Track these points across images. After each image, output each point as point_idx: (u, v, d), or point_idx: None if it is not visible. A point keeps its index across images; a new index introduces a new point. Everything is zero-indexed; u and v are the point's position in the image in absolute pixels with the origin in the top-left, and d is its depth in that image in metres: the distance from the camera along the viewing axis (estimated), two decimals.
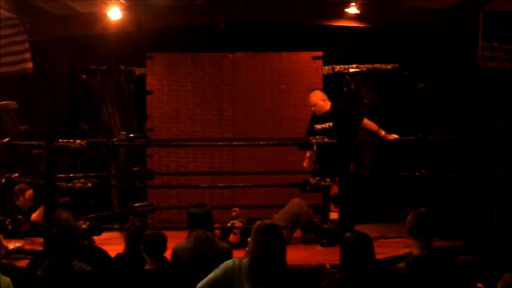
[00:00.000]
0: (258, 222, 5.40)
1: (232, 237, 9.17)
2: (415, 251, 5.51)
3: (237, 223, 9.60)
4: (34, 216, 9.72)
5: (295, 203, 9.92)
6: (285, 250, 5.30)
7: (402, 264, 5.44)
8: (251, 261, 5.23)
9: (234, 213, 9.99)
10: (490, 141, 10.57)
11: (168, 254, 6.37)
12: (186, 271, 6.24)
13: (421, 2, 11.07)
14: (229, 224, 9.50)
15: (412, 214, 5.62)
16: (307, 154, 9.86)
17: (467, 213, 9.29)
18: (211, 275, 5.34)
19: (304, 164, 9.89)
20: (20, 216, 9.60)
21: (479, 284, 6.29)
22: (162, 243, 6.16)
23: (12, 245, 8.72)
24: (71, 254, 6.03)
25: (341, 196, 8.82)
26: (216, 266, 5.38)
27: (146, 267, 6.10)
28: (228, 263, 5.35)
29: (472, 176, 10.01)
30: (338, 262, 5.54)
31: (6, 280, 6.88)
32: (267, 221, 5.46)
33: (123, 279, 6.19)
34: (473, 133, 10.70)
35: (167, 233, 6.41)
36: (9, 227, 9.47)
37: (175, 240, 6.61)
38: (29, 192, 10.03)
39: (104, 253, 6.77)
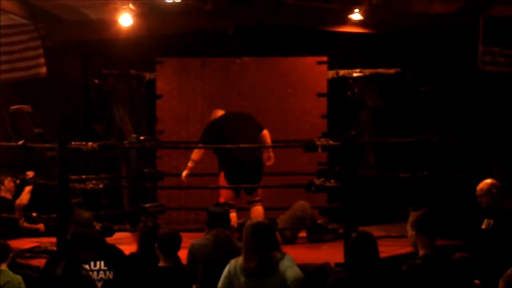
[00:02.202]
0: (247, 222, 5.72)
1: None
2: (422, 250, 5.55)
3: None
4: (18, 201, 9.85)
5: (299, 206, 10.08)
6: (273, 245, 5.51)
7: (412, 263, 5.49)
8: (243, 257, 5.50)
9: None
10: (491, 142, 10.70)
11: (181, 253, 6.42)
12: (203, 268, 6.37)
13: (424, 8, 11.15)
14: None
15: (422, 213, 5.64)
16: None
17: (465, 212, 9.38)
18: (219, 284, 5.58)
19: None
20: (34, 214, 9.80)
21: (475, 281, 6.33)
22: (177, 242, 6.23)
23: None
24: (84, 257, 6.13)
25: (345, 198, 9.02)
26: None
27: (160, 264, 6.16)
28: (227, 267, 5.59)
29: (472, 176, 10.12)
30: (343, 261, 5.64)
31: (18, 278, 7.04)
32: (255, 220, 5.81)
33: (137, 276, 6.26)
34: (475, 134, 10.84)
35: None
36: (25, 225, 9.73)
37: (185, 240, 6.62)
38: (8, 180, 10.07)
39: (118, 251, 6.82)
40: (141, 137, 10.48)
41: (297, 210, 10.03)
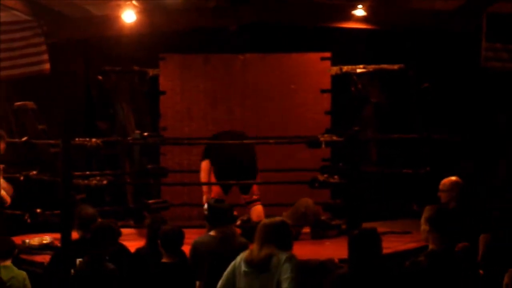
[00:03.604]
0: (265, 218, 5.93)
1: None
2: (433, 245, 5.54)
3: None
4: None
5: (303, 202, 10.10)
6: (281, 243, 5.61)
7: (421, 258, 5.48)
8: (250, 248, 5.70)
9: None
10: (492, 140, 10.71)
11: (184, 249, 6.47)
12: (209, 265, 6.36)
13: (427, 4, 11.14)
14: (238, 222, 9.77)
15: (438, 209, 5.65)
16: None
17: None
18: (224, 274, 5.71)
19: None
20: (38, 210, 9.81)
21: (480, 271, 6.43)
22: (180, 238, 6.28)
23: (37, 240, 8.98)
24: (106, 252, 6.27)
25: (349, 194, 9.06)
26: None
27: (163, 260, 6.21)
28: (234, 260, 5.72)
29: (474, 174, 10.14)
30: (346, 257, 5.59)
31: (22, 274, 7.07)
32: (273, 218, 5.90)
33: (143, 272, 6.34)
34: (476, 132, 10.85)
35: None
36: (28, 221, 9.73)
37: (189, 236, 6.67)
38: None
39: (123, 247, 6.88)
40: (145, 134, 10.53)
41: (301, 206, 10.07)
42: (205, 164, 10.32)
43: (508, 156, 10.67)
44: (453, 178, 7.81)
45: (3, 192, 9.33)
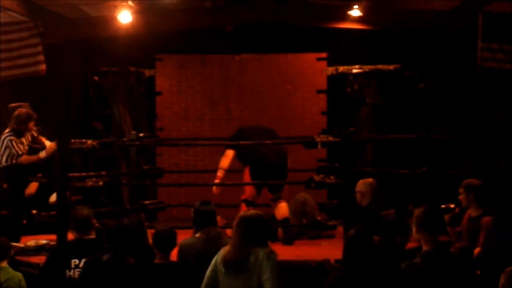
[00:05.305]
0: (240, 213, 5.76)
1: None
2: (425, 246, 5.53)
3: None
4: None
5: (301, 195, 10.17)
6: (258, 240, 5.45)
7: (416, 259, 5.46)
8: (227, 248, 5.53)
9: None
10: (490, 140, 10.71)
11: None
12: (195, 266, 6.25)
13: (422, 5, 11.15)
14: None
15: (423, 209, 5.62)
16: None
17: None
18: (206, 274, 5.60)
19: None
20: (34, 211, 9.79)
21: (477, 272, 6.45)
22: (173, 239, 6.22)
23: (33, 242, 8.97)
24: (124, 250, 6.19)
25: (341, 194, 9.07)
26: None
27: (156, 261, 6.13)
28: (216, 256, 5.59)
29: (472, 174, 10.13)
30: (342, 258, 5.63)
31: (18, 275, 7.04)
32: (249, 212, 5.84)
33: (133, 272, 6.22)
34: (474, 131, 10.86)
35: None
36: (24, 221, 9.69)
37: (183, 237, 6.63)
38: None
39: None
40: (141, 134, 10.51)
41: (299, 198, 10.19)
42: (229, 152, 10.05)
43: (507, 157, 10.67)
44: (369, 180, 8.10)
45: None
